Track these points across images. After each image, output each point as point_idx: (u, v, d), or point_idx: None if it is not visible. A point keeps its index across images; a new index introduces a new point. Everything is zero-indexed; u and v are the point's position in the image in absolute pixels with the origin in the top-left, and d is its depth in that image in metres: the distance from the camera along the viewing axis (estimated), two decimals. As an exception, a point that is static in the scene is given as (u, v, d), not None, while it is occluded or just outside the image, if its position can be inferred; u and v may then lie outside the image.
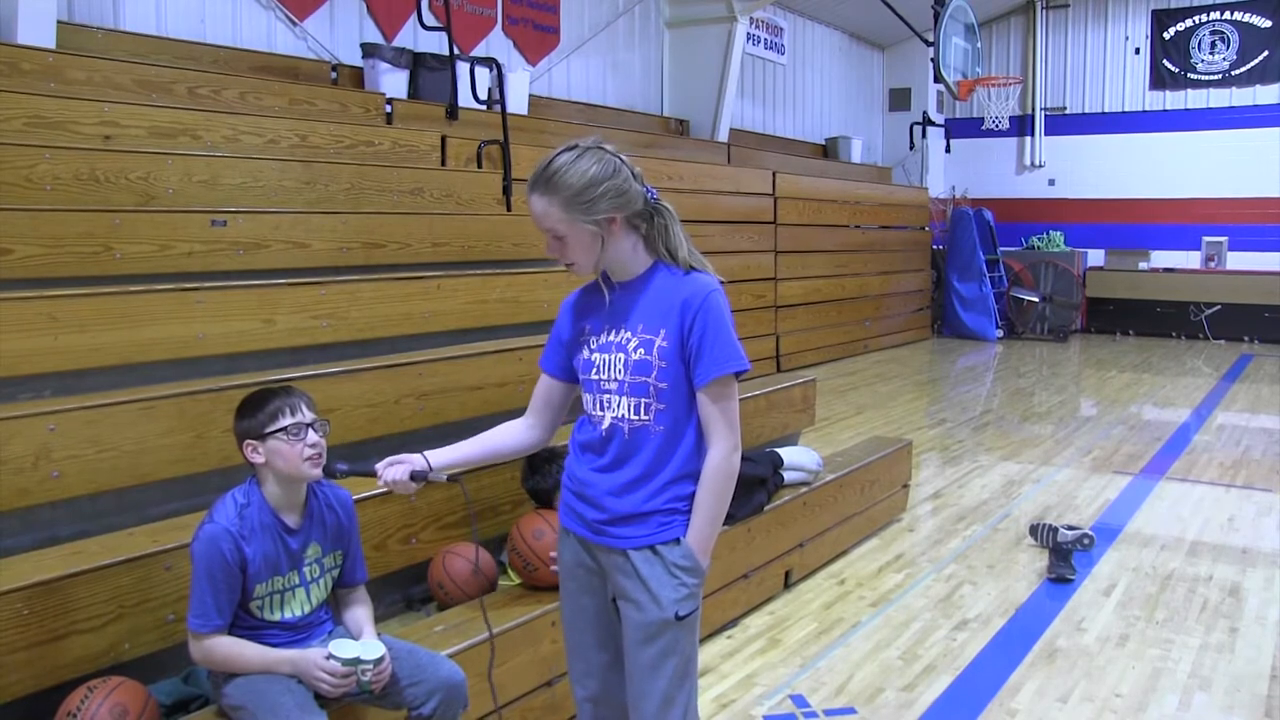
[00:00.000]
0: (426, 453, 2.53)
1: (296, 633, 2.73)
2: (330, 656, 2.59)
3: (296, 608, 2.73)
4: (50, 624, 2.75)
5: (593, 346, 2.41)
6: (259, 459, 2.65)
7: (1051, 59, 16.18)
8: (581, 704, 2.59)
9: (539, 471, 3.74)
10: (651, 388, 2.31)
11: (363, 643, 2.70)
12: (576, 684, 2.59)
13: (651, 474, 2.33)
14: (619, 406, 2.35)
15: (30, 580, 2.74)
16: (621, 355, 2.34)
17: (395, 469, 2.49)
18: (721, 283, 2.39)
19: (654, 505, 2.34)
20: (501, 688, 3.22)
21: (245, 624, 2.64)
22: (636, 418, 2.33)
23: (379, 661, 2.62)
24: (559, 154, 2.31)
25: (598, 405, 2.39)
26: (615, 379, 2.35)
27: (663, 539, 2.34)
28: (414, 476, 2.49)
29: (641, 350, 2.32)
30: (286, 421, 2.63)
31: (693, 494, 2.35)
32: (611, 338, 2.38)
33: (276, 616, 2.69)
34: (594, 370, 2.39)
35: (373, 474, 2.52)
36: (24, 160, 4.35)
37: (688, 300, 2.30)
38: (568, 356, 2.50)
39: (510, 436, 2.63)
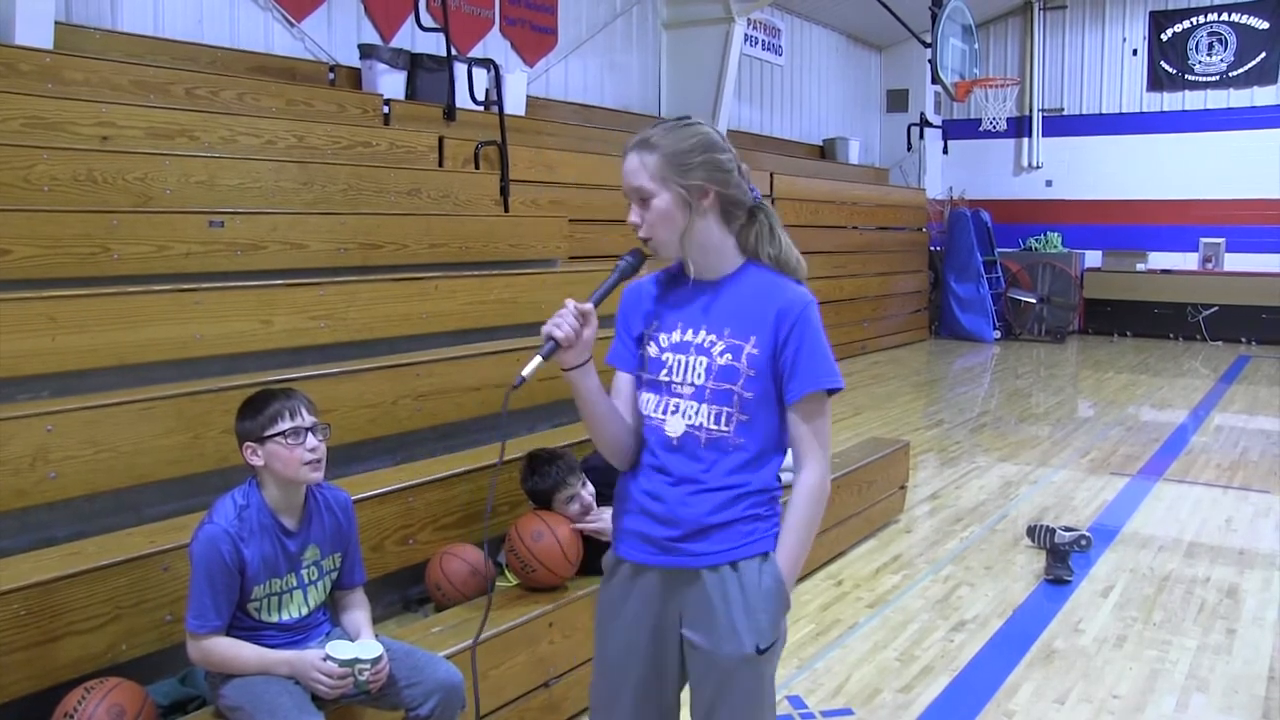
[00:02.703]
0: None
1: (294, 634, 2.73)
2: (327, 658, 2.59)
3: (294, 610, 2.73)
4: (47, 625, 2.75)
5: (663, 344, 2.18)
6: (258, 461, 2.65)
7: (1049, 60, 16.20)
8: None
9: (538, 472, 3.72)
10: (736, 397, 2.10)
11: (360, 643, 2.70)
12: None
13: (729, 486, 2.11)
14: (697, 414, 2.12)
15: (28, 581, 2.74)
16: (703, 359, 2.13)
17: (569, 321, 2.06)
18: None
19: (734, 514, 2.11)
20: (500, 688, 3.23)
21: (243, 625, 2.64)
22: (716, 427, 2.11)
23: (376, 661, 2.62)
24: (664, 121, 2.17)
25: (663, 408, 2.16)
26: (693, 383, 2.13)
27: (746, 554, 2.11)
28: (560, 344, 2.06)
29: (729, 356, 2.11)
30: (285, 425, 2.62)
31: (770, 503, 2.15)
32: (689, 338, 2.16)
33: (274, 618, 2.69)
34: (664, 371, 2.16)
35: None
36: (22, 161, 4.34)
37: (784, 309, 2.11)
38: (639, 351, 2.24)
39: (619, 419, 2.21)
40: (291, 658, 2.61)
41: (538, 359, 2.07)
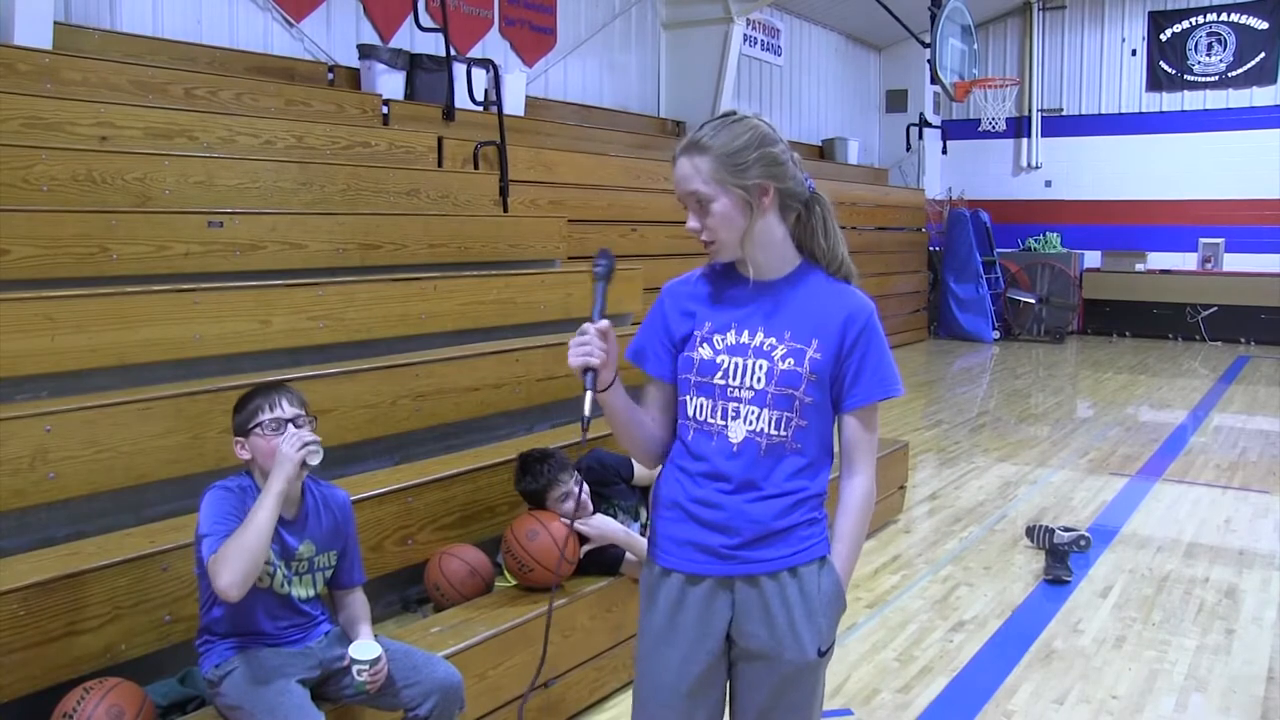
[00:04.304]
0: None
1: (293, 628, 2.73)
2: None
3: (289, 591, 2.72)
4: (47, 625, 2.75)
5: (717, 346, 2.10)
6: (245, 455, 2.68)
7: (1048, 60, 16.20)
8: None
9: (530, 472, 3.72)
10: (797, 402, 2.06)
11: (359, 644, 2.69)
12: None
13: (789, 492, 2.08)
14: (758, 420, 2.06)
15: (27, 581, 2.74)
16: (764, 363, 2.06)
17: (596, 349, 2.03)
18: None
19: (794, 519, 2.08)
20: (499, 688, 3.24)
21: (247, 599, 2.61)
22: (776, 433, 2.06)
23: (375, 662, 2.62)
24: (711, 120, 2.09)
25: (719, 413, 2.08)
26: (753, 388, 2.06)
27: (806, 559, 2.09)
28: (594, 369, 2.04)
29: (791, 360, 2.05)
30: (265, 417, 2.64)
31: (821, 507, 2.13)
32: (746, 339, 2.09)
33: (265, 585, 2.67)
34: (719, 374, 2.08)
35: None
36: (21, 161, 4.34)
37: (852, 316, 2.08)
38: (678, 353, 2.16)
39: (651, 425, 2.20)
40: (275, 476, 2.54)
41: (589, 394, 2.04)
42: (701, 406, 2.11)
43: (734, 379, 2.08)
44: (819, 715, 2.19)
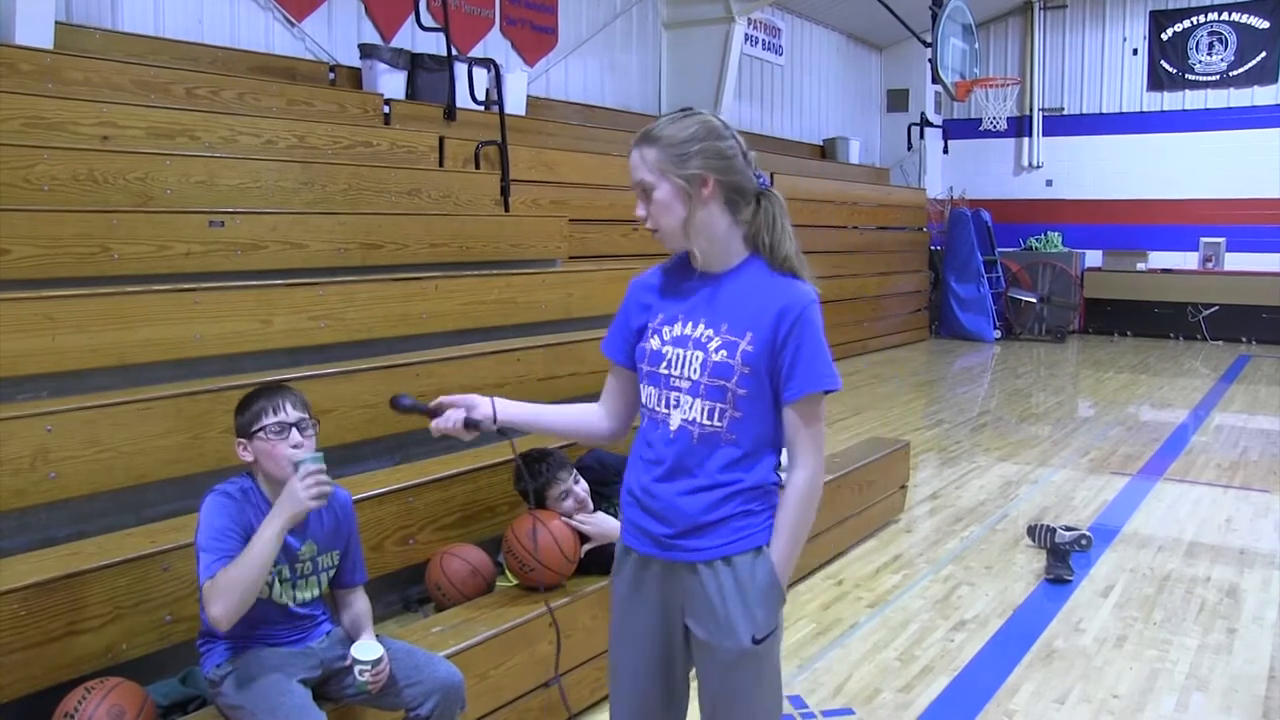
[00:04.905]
0: (498, 400, 2.36)
1: (296, 628, 2.73)
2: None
3: (287, 601, 2.72)
4: (47, 625, 2.75)
5: (665, 338, 2.19)
6: (248, 457, 2.67)
7: (1049, 60, 16.19)
8: None
9: (529, 471, 3.72)
10: (730, 393, 2.12)
11: (360, 644, 2.69)
12: (617, 715, 2.37)
13: (721, 483, 2.14)
14: (691, 409, 2.15)
15: (27, 581, 2.74)
16: (700, 354, 2.14)
17: (451, 415, 2.34)
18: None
19: (726, 511, 2.14)
20: (499, 688, 3.23)
21: (245, 617, 2.61)
22: (709, 423, 2.14)
23: (377, 662, 2.62)
24: (667, 114, 2.19)
25: (664, 402, 2.19)
26: (689, 378, 2.15)
27: (739, 549, 2.15)
28: (468, 424, 2.33)
29: (724, 352, 2.12)
30: (269, 420, 2.63)
31: (763, 498, 2.18)
32: (689, 331, 2.17)
33: (265, 595, 2.66)
34: (664, 364, 2.18)
35: (430, 413, 2.38)
36: (22, 161, 4.34)
37: (786, 309, 2.12)
38: (636, 343, 2.28)
39: (586, 419, 2.42)
40: (280, 508, 2.52)
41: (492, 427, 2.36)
42: (651, 395, 2.22)
43: (675, 369, 2.17)
44: (773, 702, 2.25)
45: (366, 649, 2.65)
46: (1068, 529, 5.27)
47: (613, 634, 2.36)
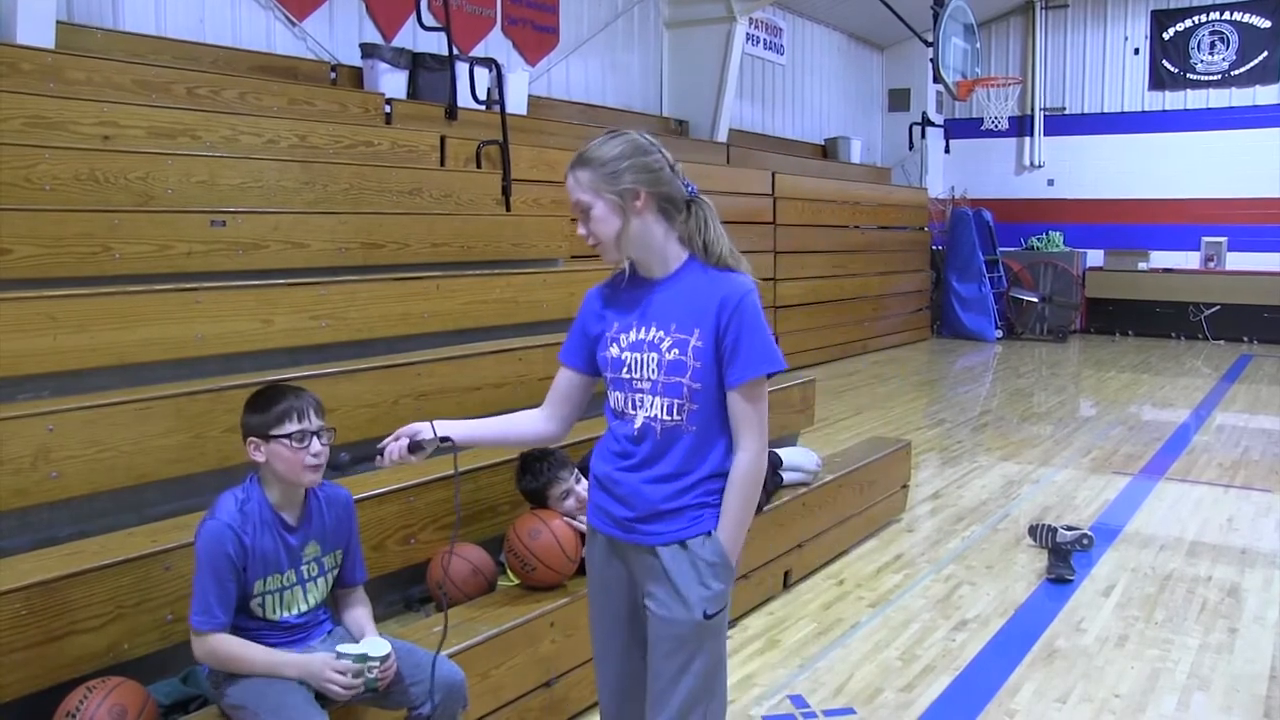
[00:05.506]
0: (437, 422, 2.49)
1: (295, 633, 2.73)
2: (339, 656, 2.58)
3: (296, 606, 2.73)
4: (49, 624, 2.75)
5: (622, 345, 2.36)
6: (260, 458, 2.64)
7: (1051, 59, 16.18)
8: (605, 709, 2.56)
9: (530, 471, 3.72)
10: (685, 388, 2.28)
11: (367, 641, 2.69)
12: (602, 689, 2.55)
13: (683, 472, 2.31)
14: (652, 406, 2.31)
15: (29, 581, 2.74)
16: (655, 355, 2.31)
17: (393, 446, 2.46)
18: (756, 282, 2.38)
19: (685, 501, 2.31)
20: (500, 688, 3.24)
21: (246, 627, 2.64)
22: (669, 418, 2.30)
23: (385, 659, 2.62)
24: (598, 138, 2.34)
25: (629, 404, 2.35)
26: (649, 379, 2.31)
27: (693, 533, 2.31)
28: (412, 448, 2.46)
29: (676, 350, 2.28)
30: (293, 428, 2.61)
31: (714, 491, 2.33)
32: (642, 335, 2.33)
33: (277, 615, 2.68)
34: (625, 369, 2.35)
35: (377, 454, 2.49)
36: (23, 160, 4.34)
37: (725, 299, 2.26)
38: (591, 350, 2.45)
39: (526, 424, 2.59)
40: (302, 660, 2.60)
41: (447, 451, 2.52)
42: (618, 400, 2.39)
43: (636, 372, 2.34)
44: (715, 682, 2.37)
45: (376, 645, 2.64)
46: (1069, 528, 5.27)
47: (591, 608, 2.55)
